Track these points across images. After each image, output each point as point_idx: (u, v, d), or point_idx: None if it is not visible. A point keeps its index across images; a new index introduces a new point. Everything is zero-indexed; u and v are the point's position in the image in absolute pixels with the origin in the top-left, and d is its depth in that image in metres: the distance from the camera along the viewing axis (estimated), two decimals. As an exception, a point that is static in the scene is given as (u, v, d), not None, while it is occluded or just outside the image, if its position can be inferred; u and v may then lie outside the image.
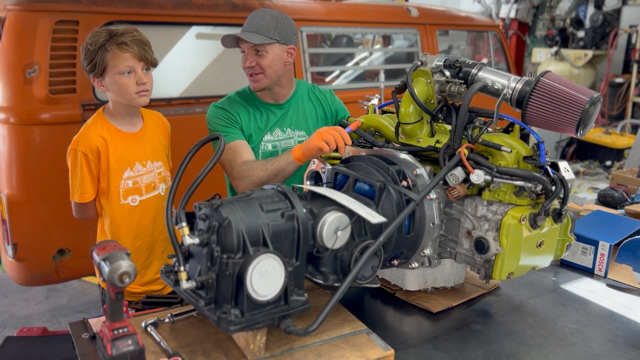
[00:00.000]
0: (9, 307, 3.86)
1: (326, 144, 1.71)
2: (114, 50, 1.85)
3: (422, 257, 1.59)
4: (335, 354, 1.33)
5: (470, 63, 1.66)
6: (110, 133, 1.97)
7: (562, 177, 1.48)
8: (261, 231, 1.28)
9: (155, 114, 2.16)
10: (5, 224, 2.81)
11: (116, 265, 1.14)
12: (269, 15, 2.08)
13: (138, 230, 2.04)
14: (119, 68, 1.87)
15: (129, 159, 1.99)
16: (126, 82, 1.88)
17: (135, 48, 1.87)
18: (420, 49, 4.57)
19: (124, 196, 1.99)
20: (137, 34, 1.91)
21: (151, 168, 2.05)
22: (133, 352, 1.19)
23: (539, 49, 9.28)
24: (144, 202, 2.04)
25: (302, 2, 4.26)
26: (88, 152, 1.92)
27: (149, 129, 2.08)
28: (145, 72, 1.92)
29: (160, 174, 2.08)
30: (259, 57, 2.07)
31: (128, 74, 1.88)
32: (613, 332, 1.56)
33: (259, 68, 2.08)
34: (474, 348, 1.46)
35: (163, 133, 2.15)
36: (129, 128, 2.02)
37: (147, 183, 2.04)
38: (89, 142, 1.92)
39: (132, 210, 2.01)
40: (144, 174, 2.03)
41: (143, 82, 1.90)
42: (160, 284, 2.14)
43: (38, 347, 2.75)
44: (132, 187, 2.00)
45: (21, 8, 2.80)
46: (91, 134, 1.94)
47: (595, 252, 1.95)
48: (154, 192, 2.06)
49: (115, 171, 1.97)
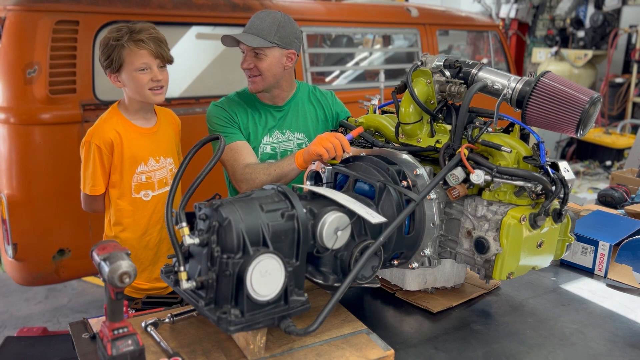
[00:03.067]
0: (9, 307, 3.86)
1: (326, 151, 1.71)
2: (130, 47, 1.88)
3: (422, 257, 1.59)
4: (335, 354, 1.33)
5: (470, 63, 1.66)
6: (125, 127, 1.98)
7: (562, 177, 1.48)
8: (261, 231, 1.28)
9: (167, 111, 2.18)
10: (5, 224, 2.81)
11: (116, 265, 1.14)
12: (271, 18, 2.05)
13: (148, 226, 2.06)
14: (135, 65, 1.89)
15: (143, 154, 2.01)
16: (142, 79, 1.90)
17: (152, 45, 1.89)
18: (420, 49, 4.57)
19: (136, 190, 2.01)
20: (154, 31, 1.94)
21: (164, 164, 2.07)
22: (133, 352, 1.19)
23: (539, 49, 9.27)
24: (157, 197, 2.05)
25: (302, 2, 4.26)
26: (102, 145, 1.93)
27: (162, 125, 2.10)
28: (160, 70, 1.95)
29: (172, 170, 2.10)
30: (257, 59, 2.06)
31: (144, 70, 1.90)
32: (613, 332, 1.56)
33: (256, 70, 2.07)
34: (474, 348, 1.46)
35: (174, 130, 2.17)
36: (143, 123, 2.04)
37: (160, 179, 2.06)
38: (104, 135, 1.94)
39: (144, 205, 2.03)
40: (157, 170, 2.05)
41: (158, 80, 1.93)
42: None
43: (38, 347, 2.76)
44: (145, 182, 2.02)
45: (21, 8, 2.79)
46: (106, 128, 1.95)
47: (595, 252, 1.95)
48: (166, 187, 2.08)
49: (129, 165, 1.98)
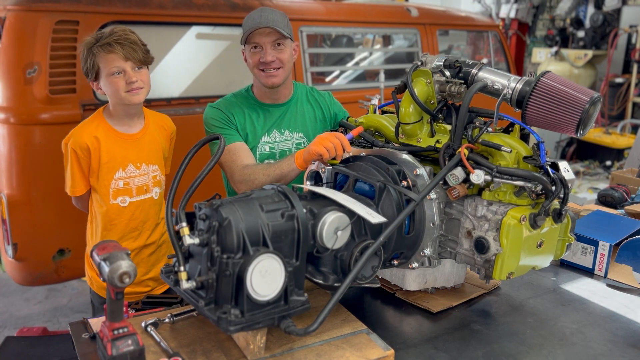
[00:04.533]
0: (9, 307, 3.86)
1: (326, 150, 1.71)
2: (100, 53, 1.88)
3: (422, 257, 1.59)
4: (335, 354, 1.33)
5: (470, 63, 1.66)
6: (105, 133, 1.97)
7: (562, 177, 1.48)
8: (261, 231, 1.28)
9: (161, 117, 2.16)
10: (5, 224, 2.81)
11: (116, 266, 1.15)
12: (279, 12, 2.08)
13: (124, 232, 2.04)
14: (108, 69, 1.89)
15: (121, 159, 1.99)
16: (116, 82, 1.89)
17: (120, 48, 1.87)
18: (420, 49, 4.57)
19: (113, 196, 2.00)
20: (122, 34, 1.91)
21: (145, 171, 2.05)
22: (133, 352, 1.19)
23: (539, 49, 9.27)
24: (134, 204, 2.03)
25: (302, 2, 4.26)
26: (77, 149, 1.94)
27: (149, 131, 2.07)
28: (136, 71, 1.92)
29: (156, 177, 2.08)
30: (279, 51, 2.06)
31: (118, 74, 1.89)
32: (613, 332, 1.56)
33: (279, 62, 2.06)
34: (474, 348, 1.46)
35: (165, 137, 2.14)
36: (126, 129, 2.02)
37: (139, 185, 2.04)
38: (80, 139, 1.94)
39: (120, 211, 2.02)
40: (136, 176, 2.03)
41: (132, 81, 1.90)
42: (148, 286, 2.14)
43: (38, 347, 2.76)
44: (123, 188, 2.01)
45: (21, 8, 2.79)
46: (84, 132, 1.96)
47: (595, 252, 1.95)
48: (145, 195, 2.05)
49: (106, 170, 1.98)
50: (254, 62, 2.08)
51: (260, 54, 2.06)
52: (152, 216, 2.09)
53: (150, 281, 2.14)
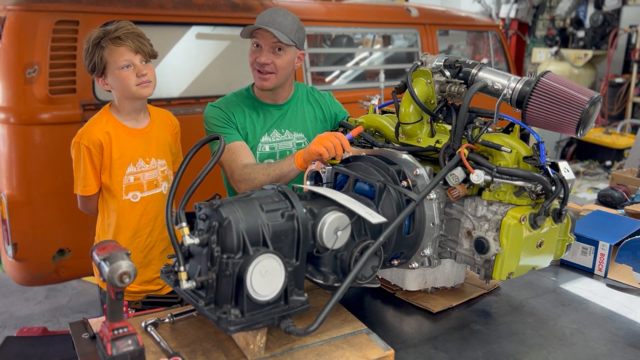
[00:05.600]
0: (9, 307, 3.86)
1: (326, 150, 1.71)
2: (109, 46, 1.87)
3: (422, 257, 1.59)
4: (335, 354, 1.33)
5: (470, 63, 1.66)
6: (115, 128, 1.98)
7: (562, 177, 1.48)
8: (261, 231, 1.28)
9: (164, 113, 2.17)
10: (5, 224, 2.81)
11: (116, 266, 1.14)
12: (292, 17, 2.04)
13: (137, 228, 2.05)
14: (117, 63, 1.88)
15: (132, 154, 2.00)
16: (126, 76, 1.89)
17: (130, 41, 1.88)
18: (420, 49, 4.57)
19: (126, 192, 2.00)
20: (130, 27, 1.92)
21: (154, 165, 2.06)
22: (133, 352, 1.19)
23: (539, 49, 9.28)
24: (145, 199, 2.04)
25: (302, 2, 4.27)
26: (91, 146, 1.93)
27: (155, 126, 2.09)
28: (144, 64, 1.93)
29: (164, 172, 2.09)
30: (276, 56, 2.04)
31: (127, 67, 1.89)
32: (613, 332, 1.56)
33: (273, 67, 2.04)
34: (474, 348, 1.46)
35: (170, 132, 2.15)
36: (134, 124, 2.03)
37: (149, 180, 2.04)
38: (92, 136, 1.94)
39: (132, 207, 2.02)
40: (146, 171, 2.03)
41: (143, 74, 1.91)
42: (159, 285, 2.14)
43: (38, 347, 2.76)
44: (134, 183, 2.01)
45: (21, 8, 2.79)
46: (95, 129, 1.95)
47: (595, 252, 1.95)
48: (155, 189, 2.06)
49: (118, 166, 1.98)
50: (252, 61, 2.08)
51: (258, 53, 2.06)
52: (163, 212, 2.09)
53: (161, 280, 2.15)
